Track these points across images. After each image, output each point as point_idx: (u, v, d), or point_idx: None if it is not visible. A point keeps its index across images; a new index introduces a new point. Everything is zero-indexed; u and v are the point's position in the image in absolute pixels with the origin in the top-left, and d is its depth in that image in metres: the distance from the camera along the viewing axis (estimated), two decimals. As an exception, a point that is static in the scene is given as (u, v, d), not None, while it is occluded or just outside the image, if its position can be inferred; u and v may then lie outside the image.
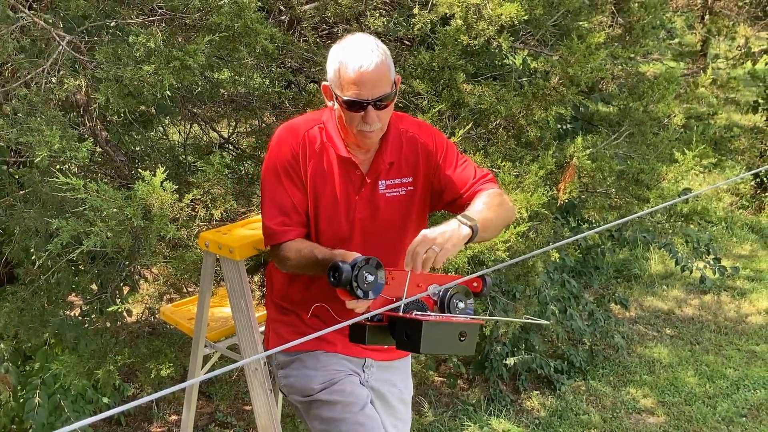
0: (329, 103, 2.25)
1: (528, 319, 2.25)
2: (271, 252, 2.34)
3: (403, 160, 2.32)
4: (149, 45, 2.39)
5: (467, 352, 2.01)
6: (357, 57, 2.09)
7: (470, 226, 2.10)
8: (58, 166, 2.53)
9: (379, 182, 2.30)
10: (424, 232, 2.06)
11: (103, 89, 2.43)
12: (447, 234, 2.06)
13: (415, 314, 1.94)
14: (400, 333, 1.96)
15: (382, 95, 2.12)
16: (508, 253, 2.87)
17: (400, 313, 1.95)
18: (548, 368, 4.81)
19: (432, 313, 1.99)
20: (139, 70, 2.40)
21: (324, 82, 2.22)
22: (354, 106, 2.13)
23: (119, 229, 2.38)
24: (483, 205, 2.23)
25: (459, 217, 2.13)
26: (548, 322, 2.68)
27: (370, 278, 1.95)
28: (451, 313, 2.02)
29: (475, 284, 2.14)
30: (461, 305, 2.04)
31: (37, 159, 2.30)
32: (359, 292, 1.94)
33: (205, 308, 2.74)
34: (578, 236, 2.30)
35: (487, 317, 2.70)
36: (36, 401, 3.46)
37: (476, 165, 2.43)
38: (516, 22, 2.97)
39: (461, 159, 2.39)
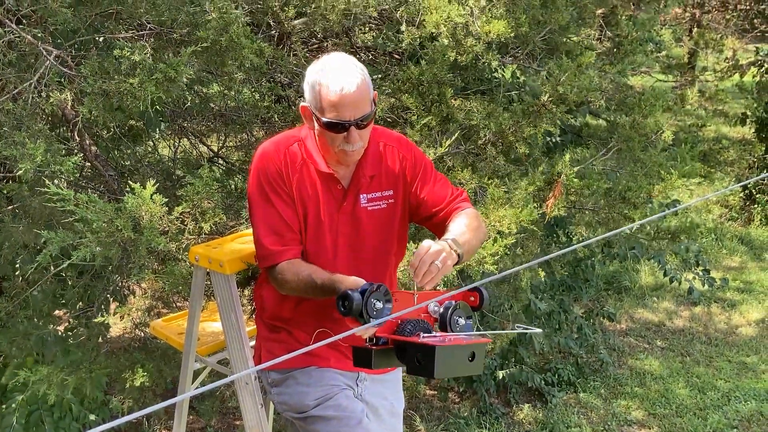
0: (308, 125, 2.23)
1: (521, 328, 2.26)
2: (268, 273, 2.30)
3: (384, 173, 2.32)
4: (134, 58, 2.39)
5: (476, 371, 2.00)
6: (337, 79, 2.07)
7: (458, 255, 2.10)
8: (47, 181, 2.52)
9: (361, 196, 2.30)
10: (428, 243, 2.04)
11: (88, 102, 2.42)
12: (443, 254, 2.04)
13: (423, 337, 1.92)
14: (411, 358, 1.93)
15: (363, 115, 2.12)
16: (496, 267, 2.87)
17: (408, 337, 1.93)
18: (539, 381, 4.81)
19: (437, 334, 1.97)
20: (123, 82, 2.40)
21: (302, 104, 2.20)
22: (336, 127, 2.11)
23: (109, 241, 2.37)
24: (465, 227, 2.23)
25: (449, 241, 2.12)
26: (541, 330, 2.68)
27: (379, 305, 1.93)
28: (452, 329, 2.01)
29: (472, 298, 2.14)
30: (461, 321, 2.04)
31: (20, 171, 2.29)
32: (369, 320, 1.90)
33: (196, 322, 2.73)
34: (565, 250, 2.30)
35: (490, 332, 2.70)
36: (14, 418, 3.41)
37: (451, 183, 2.44)
38: (503, 39, 2.99)
39: (438, 177, 2.40)
